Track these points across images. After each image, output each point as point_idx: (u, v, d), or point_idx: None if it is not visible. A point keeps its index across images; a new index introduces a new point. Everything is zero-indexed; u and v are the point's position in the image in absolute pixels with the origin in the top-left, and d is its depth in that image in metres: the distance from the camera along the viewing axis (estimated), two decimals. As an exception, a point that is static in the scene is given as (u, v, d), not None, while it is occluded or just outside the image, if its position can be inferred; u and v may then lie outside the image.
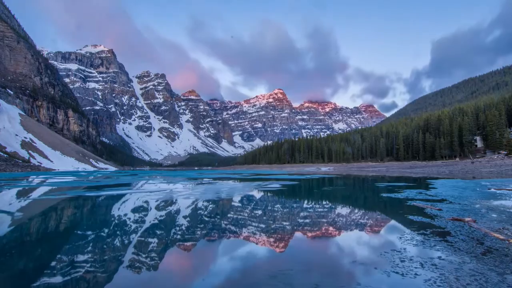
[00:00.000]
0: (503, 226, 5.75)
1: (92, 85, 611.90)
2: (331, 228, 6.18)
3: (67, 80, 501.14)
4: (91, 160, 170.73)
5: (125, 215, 8.09)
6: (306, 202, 10.87)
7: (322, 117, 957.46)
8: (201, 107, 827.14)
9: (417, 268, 3.66)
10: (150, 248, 4.81)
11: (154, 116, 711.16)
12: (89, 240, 5.32)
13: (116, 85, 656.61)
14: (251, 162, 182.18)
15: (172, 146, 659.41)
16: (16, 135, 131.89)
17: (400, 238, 5.08)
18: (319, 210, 8.92)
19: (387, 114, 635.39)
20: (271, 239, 5.31)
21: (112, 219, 7.58)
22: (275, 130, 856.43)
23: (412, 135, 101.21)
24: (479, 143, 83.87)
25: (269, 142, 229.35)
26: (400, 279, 3.36)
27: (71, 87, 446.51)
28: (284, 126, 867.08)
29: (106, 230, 6.19)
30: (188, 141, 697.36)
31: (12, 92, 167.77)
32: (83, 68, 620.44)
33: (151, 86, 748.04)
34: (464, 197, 10.37)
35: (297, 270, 3.73)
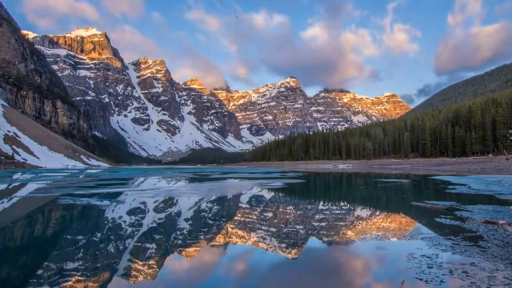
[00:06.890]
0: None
1: (83, 72, 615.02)
2: (349, 232, 6.22)
3: (55, 67, 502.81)
4: (82, 156, 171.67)
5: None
6: (320, 200, 10.90)
7: (339, 108, 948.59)
8: (205, 97, 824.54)
9: (446, 275, 3.67)
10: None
11: (152, 108, 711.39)
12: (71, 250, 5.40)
13: (109, 73, 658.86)
14: (260, 158, 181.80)
15: (172, 141, 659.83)
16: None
17: (428, 242, 5.10)
18: (337, 212, 8.97)
19: (412, 106, 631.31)
20: (283, 245, 5.37)
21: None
22: (287, 123, 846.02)
23: (440, 129, 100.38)
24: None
25: (280, 136, 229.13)
26: None
27: (60, 75, 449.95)
28: (297, 119, 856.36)
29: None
30: (190, 135, 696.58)
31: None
32: (73, 53, 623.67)
33: (148, 74, 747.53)
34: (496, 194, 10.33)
35: (313, 275, 3.78)
